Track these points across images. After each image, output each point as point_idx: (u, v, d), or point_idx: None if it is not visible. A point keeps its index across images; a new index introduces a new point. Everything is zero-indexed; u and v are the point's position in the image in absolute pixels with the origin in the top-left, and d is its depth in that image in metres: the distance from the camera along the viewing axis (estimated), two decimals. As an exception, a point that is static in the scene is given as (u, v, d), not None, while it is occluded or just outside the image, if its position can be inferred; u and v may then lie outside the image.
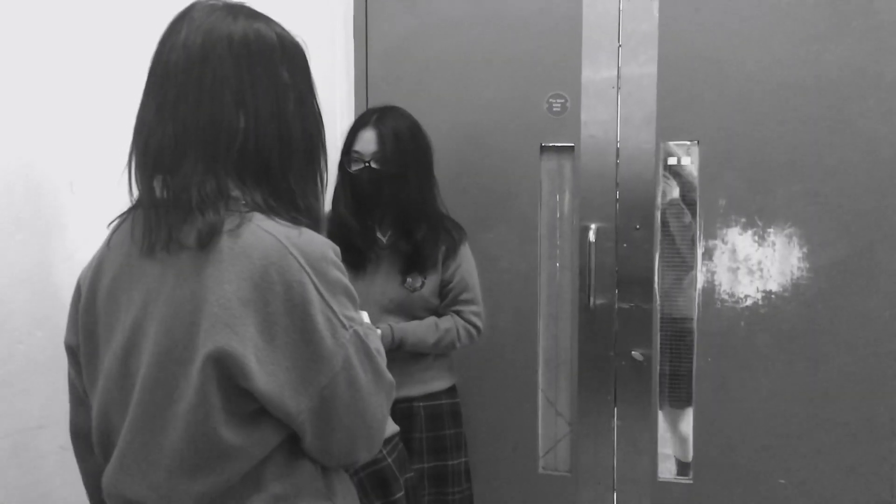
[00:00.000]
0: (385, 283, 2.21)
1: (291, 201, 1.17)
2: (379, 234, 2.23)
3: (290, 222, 1.13)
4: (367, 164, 2.16)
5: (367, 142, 2.17)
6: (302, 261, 1.08)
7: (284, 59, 1.18)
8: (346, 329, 1.12)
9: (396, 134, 2.16)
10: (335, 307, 1.11)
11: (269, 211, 1.13)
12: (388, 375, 1.21)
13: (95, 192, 1.57)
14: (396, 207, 2.18)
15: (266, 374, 1.07)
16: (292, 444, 1.16)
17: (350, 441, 1.16)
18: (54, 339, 1.46)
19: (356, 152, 2.18)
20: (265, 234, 1.09)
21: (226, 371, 1.07)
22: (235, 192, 1.12)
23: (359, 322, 1.15)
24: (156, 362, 1.11)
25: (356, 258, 2.20)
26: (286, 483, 1.15)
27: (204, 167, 1.11)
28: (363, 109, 2.72)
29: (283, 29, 1.20)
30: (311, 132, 1.20)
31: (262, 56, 1.15)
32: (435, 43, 2.75)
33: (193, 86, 1.11)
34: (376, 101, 2.70)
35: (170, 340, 1.10)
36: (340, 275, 1.14)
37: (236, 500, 1.13)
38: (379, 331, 2.10)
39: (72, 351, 1.28)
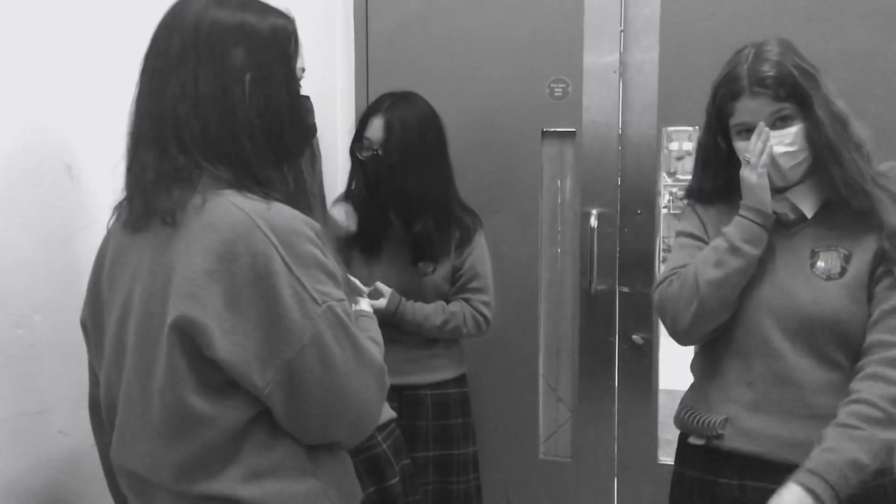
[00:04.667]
0: (396, 267, 2.21)
1: (255, 179, 1.18)
2: (392, 218, 2.22)
3: (263, 198, 1.15)
4: (375, 152, 2.16)
5: (376, 129, 2.16)
6: (269, 234, 1.10)
7: (240, 42, 1.18)
8: (318, 304, 1.11)
9: (403, 123, 2.15)
10: (305, 281, 1.11)
11: (242, 188, 1.16)
12: (376, 358, 1.21)
13: (94, 176, 1.56)
14: (399, 196, 2.17)
15: (231, 343, 1.09)
16: (274, 419, 1.17)
17: (324, 418, 1.16)
18: (54, 323, 1.46)
19: (366, 138, 2.18)
20: (233, 209, 1.12)
21: (190, 340, 1.10)
22: (210, 171, 1.16)
23: (336, 298, 1.14)
24: (137, 335, 1.16)
25: (369, 242, 2.21)
26: (266, 457, 1.17)
27: (161, 152, 1.16)
28: (364, 94, 2.71)
29: (257, 14, 1.20)
30: (273, 111, 1.20)
31: (209, 42, 1.17)
32: (435, 27, 2.73)
33: (147, 79, 1.19)
34: (377, 85, 2.69)
35: (146, 313, 1.15)
36: (314, 249, 1.14)
37: (214, 471, 1.15)
38: (386, 297, 2.10)
39: (84, 328, 1.34)
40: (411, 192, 2.16)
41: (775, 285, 1.60)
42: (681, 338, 1.70)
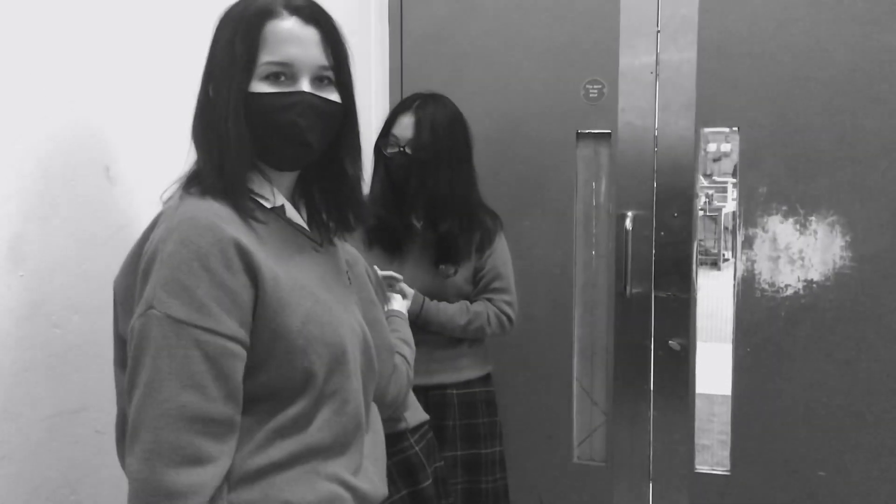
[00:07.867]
0: (419, 269, 2.20)
1: (200, 183, 1.19)
2: (414, 220, 2.22)
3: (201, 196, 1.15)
4: (401, 149, 2.16)
5: (405, 127, 2.17)
6: (168, 234, 1.09)
7: (224, 32, 1.20)
8: (144, 308, 1.07)
9: (434, 122, 2.15)
10: (150, 281, 1.08)
11: (205, 190, 1.16)
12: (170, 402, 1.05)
13: (132, 177, 1.57)
14: (426, 195, 2.16)
15: (122, 323, 1.20)
16: None
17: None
18: (91, 323, 1.47)
19: (393, 136, 2.18)
20: (175, 209, 1.14)
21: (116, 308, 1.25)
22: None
23: (166, 312, 1.05)
24: None
25: (390, 242, 2.20)
26: None
27: None
28: (398, 97, 2.71)
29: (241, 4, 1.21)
30: (209, 114, 1.20)
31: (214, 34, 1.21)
32: (470, 29, 2.72)
33: None
34: (411, 88, 2.68)
35: None
36: (181, 257, 1.07)
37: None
38: (409, 298, 2.09)
39: None
40: (438, 192, 2.15)
41: None
42: None
